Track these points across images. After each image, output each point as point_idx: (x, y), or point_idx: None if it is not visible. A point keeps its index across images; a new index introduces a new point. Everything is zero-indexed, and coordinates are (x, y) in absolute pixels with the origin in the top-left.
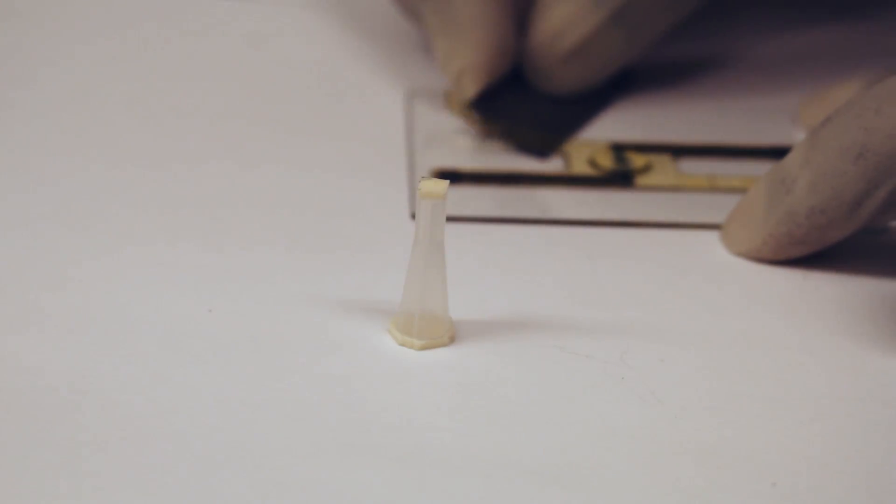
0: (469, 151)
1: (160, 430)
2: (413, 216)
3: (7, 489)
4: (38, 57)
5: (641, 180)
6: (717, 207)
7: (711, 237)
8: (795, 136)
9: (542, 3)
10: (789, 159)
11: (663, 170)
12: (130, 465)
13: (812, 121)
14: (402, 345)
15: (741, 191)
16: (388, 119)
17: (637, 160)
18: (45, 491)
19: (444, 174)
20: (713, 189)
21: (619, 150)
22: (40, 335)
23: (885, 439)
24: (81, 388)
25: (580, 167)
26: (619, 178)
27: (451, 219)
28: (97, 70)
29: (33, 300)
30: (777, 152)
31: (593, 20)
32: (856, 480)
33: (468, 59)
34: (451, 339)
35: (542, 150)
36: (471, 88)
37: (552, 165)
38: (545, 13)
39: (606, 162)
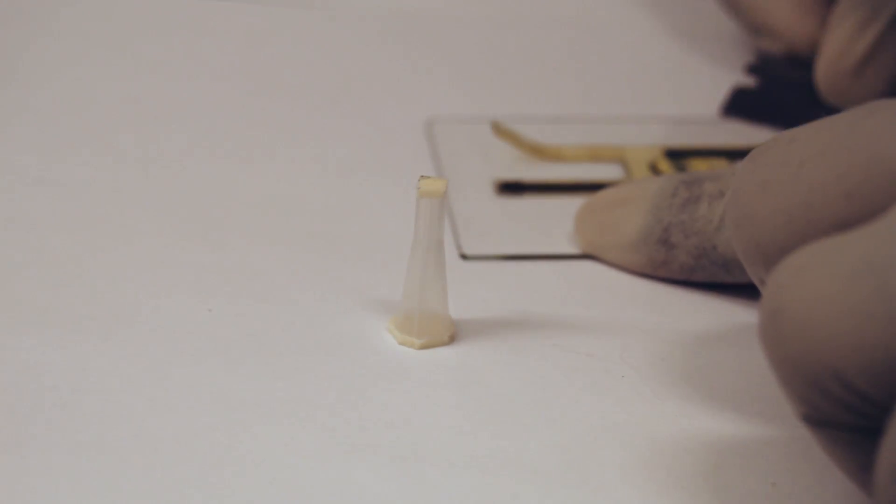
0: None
1: (160, 430)
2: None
3: (7, 489)
4: (38, 57)
5: None
6: None
7: None
8: None
9: (828, 28)
10: None
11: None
12: (130, 465)
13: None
14: (402, 344)
15: None
16: (390, 118)
17: (697, 166)
18: (46, 491)
19: (507, 185)
20: None
21: (673, 156)
22: (40, 335)
23: None
24: (81, 388)
25: (641, 174)
26: None
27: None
28: (97, 70)
29: (33, 300)
30: None
31: (873, 31)
32: None
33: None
34: (451, 338)
35: None
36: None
37: (613, 172)
38: (829, 37)
39: (666, 168)
